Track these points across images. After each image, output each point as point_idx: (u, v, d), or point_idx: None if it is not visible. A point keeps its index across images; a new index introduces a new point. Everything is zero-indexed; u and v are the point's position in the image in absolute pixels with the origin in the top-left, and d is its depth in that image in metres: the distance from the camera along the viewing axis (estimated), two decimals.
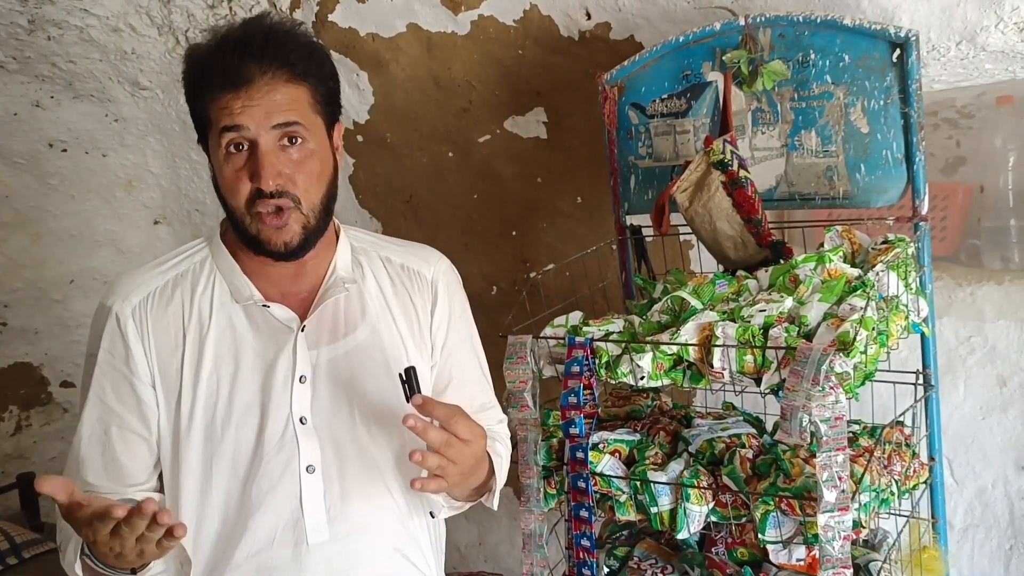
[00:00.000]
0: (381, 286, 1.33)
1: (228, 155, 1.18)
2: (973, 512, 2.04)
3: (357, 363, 1.26)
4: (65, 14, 2.59)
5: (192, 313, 1.24)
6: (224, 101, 1.16)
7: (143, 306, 1.23)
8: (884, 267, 1.49)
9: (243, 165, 1.18)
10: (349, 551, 1.23)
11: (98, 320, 1.25)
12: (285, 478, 1.20)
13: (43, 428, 3.40)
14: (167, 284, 1.25)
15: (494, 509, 1.37)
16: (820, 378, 1.28)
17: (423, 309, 1.34)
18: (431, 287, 1.36)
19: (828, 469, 1.31)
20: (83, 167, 3.14)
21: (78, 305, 3.36)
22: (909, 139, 1.64)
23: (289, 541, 1.21)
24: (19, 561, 2.65)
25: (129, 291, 1.24)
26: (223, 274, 1.27)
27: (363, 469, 1.24)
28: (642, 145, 1.94)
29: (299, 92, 1.19)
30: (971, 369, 1.99)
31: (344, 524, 1.23)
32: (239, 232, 1.23)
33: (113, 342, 1.22)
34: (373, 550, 1.26)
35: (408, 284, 1.35)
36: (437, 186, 2.62)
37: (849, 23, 1.64)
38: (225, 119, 1.16)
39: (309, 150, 1.21)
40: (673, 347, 1.47)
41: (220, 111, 1.16)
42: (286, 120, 1.17)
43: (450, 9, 2.26)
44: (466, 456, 1.12)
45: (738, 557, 1.71)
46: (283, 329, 1.24)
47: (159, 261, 1.30)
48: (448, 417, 1.09)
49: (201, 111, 1.20)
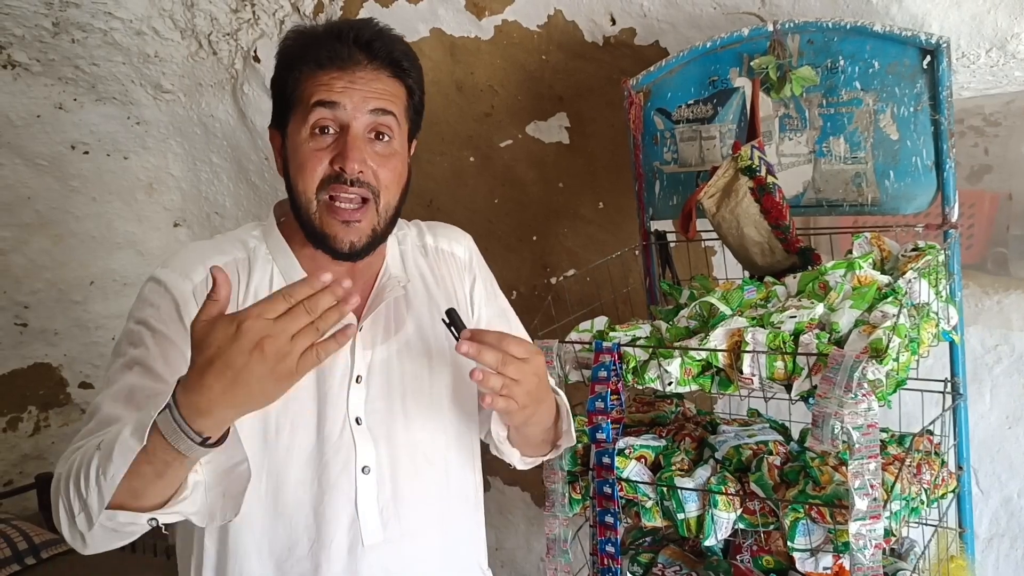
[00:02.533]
0: (423, 276, 1.32)
1: (312, 135, 1.15)
2: (998, 522, 2.03)
3: (407, 360, 1.24)
4: (89, 17, 2.61)
5: (247, 301, 1.17)
6: (325, 78, 1.14)
7: (203, 286, 1.16)
8: (915, 274, 1.48)
9: (326, 147, 1.15)
10: (402, 553, 1.23)
11: (152, 292, 1.18)
12: (342, 479, 1.19)
13: (61, 429, 3.41)
14: (225, 266, 1.18)
15: (573, 443, 1.35)
16: (853, 385, 1.27)
17: (463, 290, 1.35)
18: (468, 267, 1.38)
19: (860, 477, 1.31)
20: (105, 169, 3.17)
21: (98, 307, 3.39)
22: (939, 146, 1.64)
23: (345, 542, 1.19)
24: (37, 561, 2.66)
25: (188, 268, 1.18)
26: (279, 266, 1.23)
27: (413, 469, 1.24)
28: (667, 150, 1.93)
29: (399, 89, 1.20)
30: (997, 378, 1.98)
31: (398, 526, 1.22)
32: (302, 224, 1.18)
33: (170, 317, 1.15)
34: (426, 551, 1.25)
35: (446, 268, 1.35)
36: (458, 191, 2.62)
37: (879, 29, 1.64)
38: (322, 93, 1.14)
39: (393, 149, 1.19)
40: (702, 352, 1.47)
41: (318, 86, 1.14)
42: (383, 107, 1.16)
43: (474, 14, 2.27)
44: (527, 373, 1.09)
45: (764, 565, 1.70)
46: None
47: (215, 242, 1.24)
48: (499, 339, 1.07)
49: (292, 85, 1.17)
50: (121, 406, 1.09)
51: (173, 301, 1.16)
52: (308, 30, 1.19)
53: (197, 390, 0.91)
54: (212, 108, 2.97)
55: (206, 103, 2.96)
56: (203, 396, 0.91)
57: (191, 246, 1.24)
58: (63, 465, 1.05)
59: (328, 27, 1.17)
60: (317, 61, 1.15)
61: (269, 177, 3.02)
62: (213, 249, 1.22)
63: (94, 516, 0.99)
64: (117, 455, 0.95)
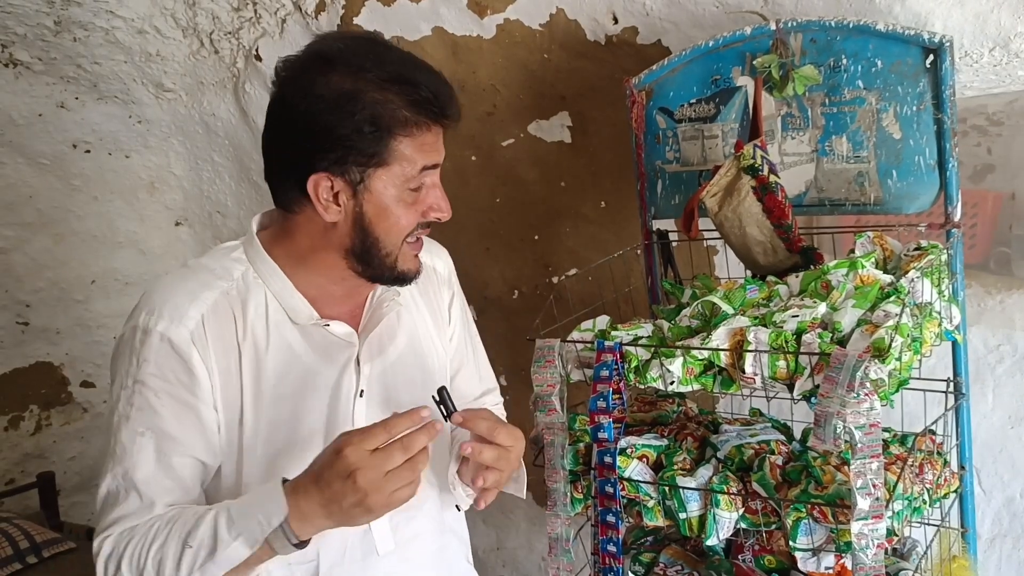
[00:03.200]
0: (410, 289, 1.34)
1: (412, 190, 1.17)
2: (1001, 522, 2.02)
3: (401, 371, 1.29)
4: (91, 16, 2.61)
5: (247, 334, 1.18)
6: (431, 136, 1.15)
7: (200, 329, 1.15)
8: (918, 274, 1.48)
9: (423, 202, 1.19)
10: (409, 556, 1.28)
11: (144, 344, 1.14)
12: None
13: (63, 428, 3.41)
14: (216, 303, 1.17)
15: (521, 496, 1.39)
16: (855, 384, 1.27)
17: (443, 305, 1.41)
18: (448, 283, 1.43)
19: (862, 476, 1.30)
20: (106, 168, 3.17)
21: (99, 306, 3.38)
22: (942, 145, 1.63)
23: (358, 554, 1.23)
24: (39, 560, 2.66)
25: (179, 314, 1.15)
26: (272, 290, 1.22)
27: None
28: (669, 150, 1.93)
29: None
30: (1000, 378, 1.97)
31: (405, 531, 1.28)
32: (374, 267, 1.20)
33: (171, 369, 1.14)
34: (427, 551, 1.31)
35: (429, 283, 1.39)
36: (460, 190, 2.62)
37: (882, 28, 1.63)
38: (432, 156, 1.16)
39: None
40: (704, 352, 1.46)
41: (423, 146, 1.15)
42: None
43: (476, 13, 2.27)
44: (512, 460, 1.19)
45: (765, 565, 1.69)
46: (342, 345, 1.24)
47: (195, 277, 1.20)
48: (491, 431, 1.14)
49: (385, 142, 1.13)
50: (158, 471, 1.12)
51: (173, 350, 1.14)
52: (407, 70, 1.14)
53: (304, 496, 1.01)
54: (214, 107, 2.97)
55: (208, 102, 2.96)
56: (308, 503, 1.01)
57: (171, 284, 1.19)
58: (112, 546, 1.09)
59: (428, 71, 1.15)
60: (424, 112, 1.14)
61: None
62: (197, 284, 1.18)
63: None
64: (222, 559, 1.03)
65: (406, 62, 1.15)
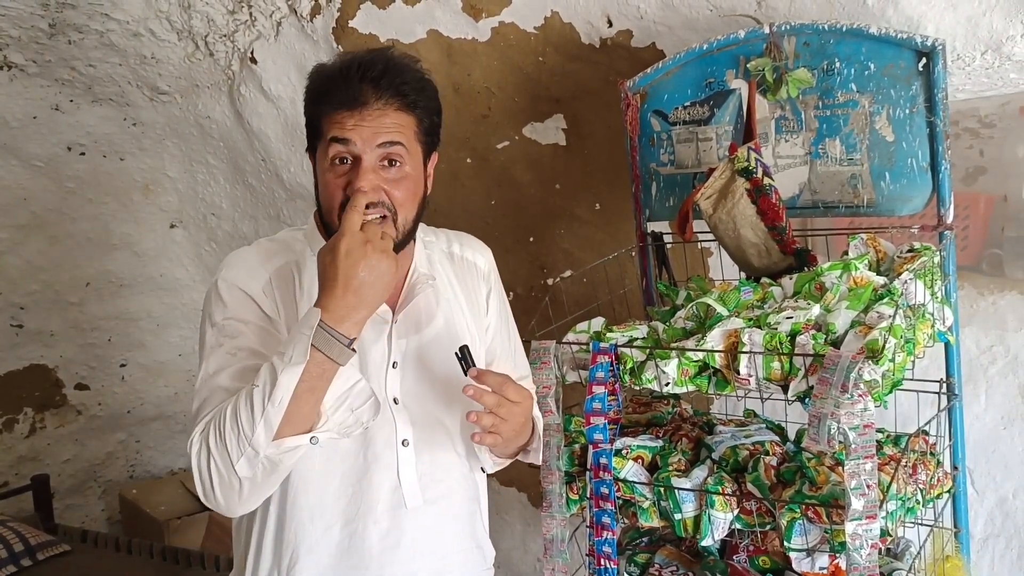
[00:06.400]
0: (450, 279, 1.47)
1: (332, 165, 1.29)
2: (994, 522, 2.04)
3: (436, 349, 1.39)
4: (86, 18, 2.61)
5: (303, 295, 1.34)
6: (339, 117, 1.27)
7: (269, 286, 1.34)
8: (911, 275, 1.49)
9: (343, 175, 1.28)
10: (437, 512, 1.39)
11: (224, 293, 1.32)
12: (386, 451, 1.35)
13: (57, 430, 3.41)
14: (280, 268, 1.36)
15: (538, 464, 1.51)
16: (849, 385, 1.28)
17: (481, 297, 1.50)
18: (486, 278, 1.52)
19: (856, 477, 1.31)
20: (101, 171, 3.16)
21: (94, 308, 3.38)
22: (935, 148, 1.64)
23: (390, 506, 1.35)
24: (33, 563, 2.65)
25: (252, 271, 1.34)
26: None
27: (442, 441, 1.40)
28: (664, 152, 1.94)
29: (407, 120, 1.30)
30: (993, 379, 1.99)
31: (434, 490, 1.38)
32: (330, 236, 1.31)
33: (249, 310, 1.31)
34: (455, 510, 1.42)
35: (468, 275, 1.50)
36: (454, 192, 2.62)
37: (875, 32, 1.65)
38: (336, 131, 1.27)
39: (405, 173, 1.31)
40: (699, 353, 1.47)
41: (333, 124, 1.28)
42: (391, 140, 1.28)
43: (471, 16, 2.27)
44: (516, 415, 1.27)
45: (760, 565, 1.70)
46: (377, 320, 1.33)
47: (266, 247, 1.39)
48: (500, 384, 1.24)
49: (316, 122, 1.32)
50: (240, 378, 1.24)
51: (249, 298, 1.32)
52: (326, 69, 1.31)
53: (327, 295, 1.16)
54: (209, 109, 2.97)
55: (203, 104, 2.96)
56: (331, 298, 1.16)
57: (248, 251, 1.39)
58: (200, 434, 1.20)
59: (341, 65, 1.29)
60: (330, 101, 1.28)
61: (265, 178, 3.02)
62: (267, 253, 1.39)
63: (261, 449, 1.15)
64: (283, 378, 1.13)
65: (361, 55, 1.30)
